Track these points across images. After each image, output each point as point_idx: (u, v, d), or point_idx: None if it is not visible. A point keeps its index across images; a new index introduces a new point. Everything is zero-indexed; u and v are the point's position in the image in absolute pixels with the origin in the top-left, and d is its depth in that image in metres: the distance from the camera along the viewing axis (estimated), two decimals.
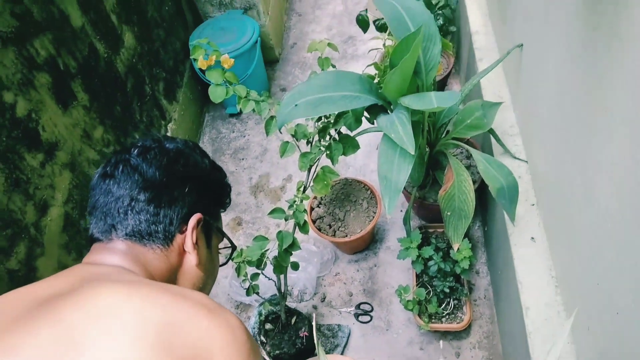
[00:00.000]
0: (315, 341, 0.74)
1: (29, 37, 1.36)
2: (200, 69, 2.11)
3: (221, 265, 0.88)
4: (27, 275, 1.25)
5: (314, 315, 1.74)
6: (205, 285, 0.80)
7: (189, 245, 0.72)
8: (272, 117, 1.31)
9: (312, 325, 1.74)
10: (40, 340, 0.49)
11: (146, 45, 2.10)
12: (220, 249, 0.86)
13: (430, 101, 1.08)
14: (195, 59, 1.25)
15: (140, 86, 2.02)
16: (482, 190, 1.74)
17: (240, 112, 2.60)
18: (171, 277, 0.73)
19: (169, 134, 2.22)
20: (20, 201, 1.26)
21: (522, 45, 1.50)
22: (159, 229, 0.70)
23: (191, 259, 0.73)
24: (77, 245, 1.47)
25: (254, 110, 1.30)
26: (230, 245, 0.87)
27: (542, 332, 1.22)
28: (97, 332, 0.50)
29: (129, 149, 0.74)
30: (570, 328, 0.78)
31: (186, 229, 0.72)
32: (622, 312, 0.90)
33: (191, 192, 0.73)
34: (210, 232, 0.80)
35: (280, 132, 1.26)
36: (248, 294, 1.43)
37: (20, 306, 0.56)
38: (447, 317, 1.65)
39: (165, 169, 0.71)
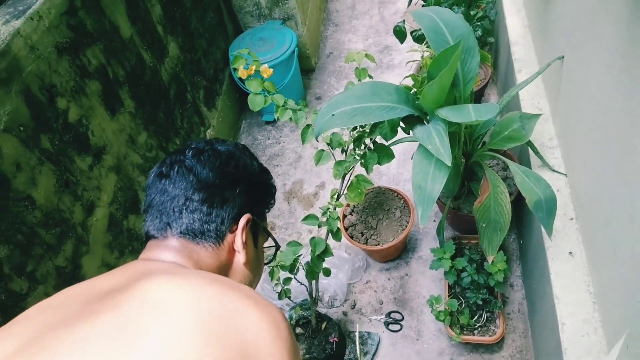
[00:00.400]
0: (358, 352, 0.76)
1: (82, 47, 1.44)
2: (239, 78, 2.17)
3: (266, 264, 0.91)
4: (73, 272, 1.32)
5: (357, 325, 1.76)
6: (251, 283, 0.83)
7: (238, 244, 0.76)
8: (308, 126, 1.34)
9: (342, 332, 1.75)
10: (103, 331, 0.52)
11: (189, 55, 2.18)
12: (265, 248, 0.90)
13: (468, 114, 1.08)
14: (235, 69, 1.30)
15: (182, 94, 2.10)
16: (518, 202, 1.72)
17: (276, 120, 2.66)
18: (221, 274, 0.75)
19: None
20: (69, 201, 1.33)
21: (562, 57, 1.48)
22: (212, 228, 0.73)
23: (240, 257, 0.77)
24: (119, 244, 1.53)
25: (290, 118, 1.34)
26: (274, 244, 0.91)
27: (578, 349, 1.20)
28: (151, 321, 0.52)
29: (184, 150, 0.77)
30: (618, 350, 0.76)
31: (236, 229, 0.76)
32: None
33: (241, 193, 0.76)
34: (257, 231, 0.83)
35: (317, 141, 1.29)
36: (280, 297, 1.46)
37: (85, 299, 0.60)
38: (479, 329, 1.63)
39: (218, 170, 0.75)
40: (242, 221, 0.76)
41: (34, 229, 1.19)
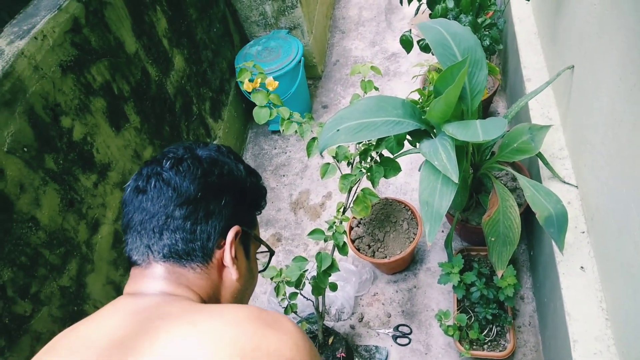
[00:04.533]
0: None
1: (86, 64, 1.44)
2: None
3: (260, 272, 0.85)
4: (77, 291, 1.32)
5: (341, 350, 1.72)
6: (244, 295, 0.78)
7: (228, 260, 0.69)
8: (313, 139, 1.33)
9: (349, 346, 1.73)
10: None
11: (195, 67, 2.18)
12: (257, 253, 0.83)
13: (475, 132, 1.06)
14: (241, 82, 1.29)
15: (188, 106, 2.09)
16: (528, 212, 1.69)
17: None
18: (215, 292, 0.71)
19: None
20: (73, 220, 1.33)
21: (573, 66, 1.45)
22: (197, 246, 0.67)
23: (232, 272, 0.70)
24: (124, 261, 1.53)
25: (296, 131, 1.32)
26: (267, 250, 0.83)
27: None
28: None
29: (161, 160, 0.70)
30: None
31: (224, 243, 0.70)
32: None
33: (228, 203, 0.70)
34: (248, 241, 0.77)
35: (322, 157, 1.28)
36: (286, 312, 1.44)
37: (79, 355, 0.55)
38: (489, 344, 1.60)
39: (200, 181, 0.68)
40: (231, 235, 0.69)
41: (37, 249, 1.19)
